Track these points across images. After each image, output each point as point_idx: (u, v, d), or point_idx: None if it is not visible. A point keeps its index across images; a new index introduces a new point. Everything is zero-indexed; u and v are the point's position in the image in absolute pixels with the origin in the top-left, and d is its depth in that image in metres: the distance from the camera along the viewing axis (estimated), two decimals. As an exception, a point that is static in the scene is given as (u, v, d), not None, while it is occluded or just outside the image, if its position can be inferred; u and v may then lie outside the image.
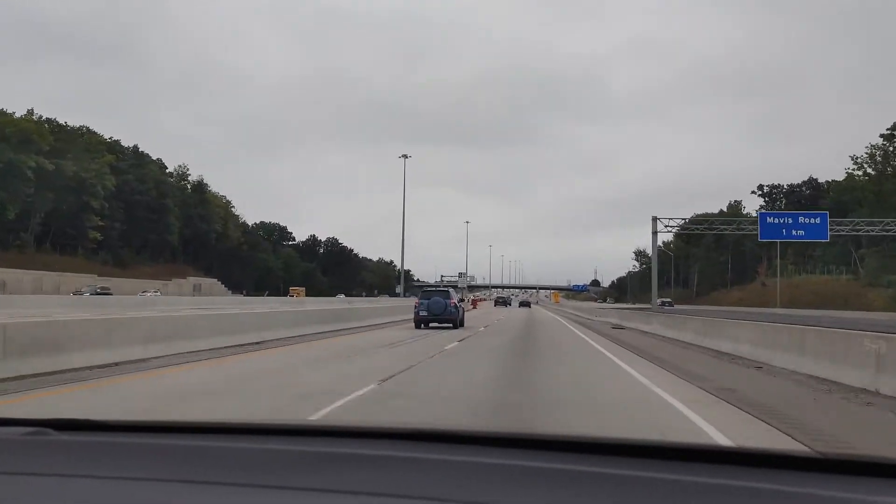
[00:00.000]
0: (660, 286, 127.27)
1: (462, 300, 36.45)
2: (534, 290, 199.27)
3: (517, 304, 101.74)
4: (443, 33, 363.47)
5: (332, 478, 1.13)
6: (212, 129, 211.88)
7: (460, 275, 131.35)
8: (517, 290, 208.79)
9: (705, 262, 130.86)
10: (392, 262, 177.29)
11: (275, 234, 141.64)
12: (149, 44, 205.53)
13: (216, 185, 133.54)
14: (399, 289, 79.54)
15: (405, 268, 78.12)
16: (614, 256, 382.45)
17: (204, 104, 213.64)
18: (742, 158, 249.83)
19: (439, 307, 27.21)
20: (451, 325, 27.20)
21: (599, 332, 28.07)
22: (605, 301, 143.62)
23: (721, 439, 6.58)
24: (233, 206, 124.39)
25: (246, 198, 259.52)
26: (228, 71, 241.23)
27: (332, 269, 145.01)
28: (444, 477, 1.14)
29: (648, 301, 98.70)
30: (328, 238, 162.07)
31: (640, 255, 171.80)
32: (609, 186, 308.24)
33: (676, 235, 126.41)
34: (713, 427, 7.22)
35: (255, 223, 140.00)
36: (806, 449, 5.35)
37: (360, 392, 9.30)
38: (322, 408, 7.97)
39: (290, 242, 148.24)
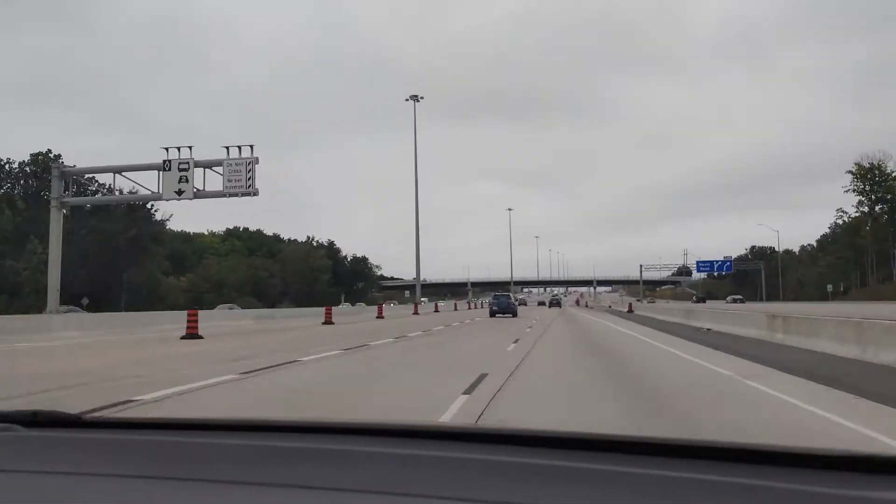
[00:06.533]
0: (844, 276, 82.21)
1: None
2: (585, 288, 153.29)
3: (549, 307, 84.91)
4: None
5: (326, 475, 1.11)
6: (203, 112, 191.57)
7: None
8: (559, 289, 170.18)
9: None
10: (330, 245, 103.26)
11: None
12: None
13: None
14: None
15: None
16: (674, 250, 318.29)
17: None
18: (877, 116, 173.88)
19: (504, 304, 45.05)
20: (511, 314, 43.97)
21: None
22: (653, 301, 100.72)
23: None
24: None
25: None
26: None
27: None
28: (453, 475, 1.13)
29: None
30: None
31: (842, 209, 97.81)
32: (679, 164, 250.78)
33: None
34: None
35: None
36: (812, 445, 5.17)
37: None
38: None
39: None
